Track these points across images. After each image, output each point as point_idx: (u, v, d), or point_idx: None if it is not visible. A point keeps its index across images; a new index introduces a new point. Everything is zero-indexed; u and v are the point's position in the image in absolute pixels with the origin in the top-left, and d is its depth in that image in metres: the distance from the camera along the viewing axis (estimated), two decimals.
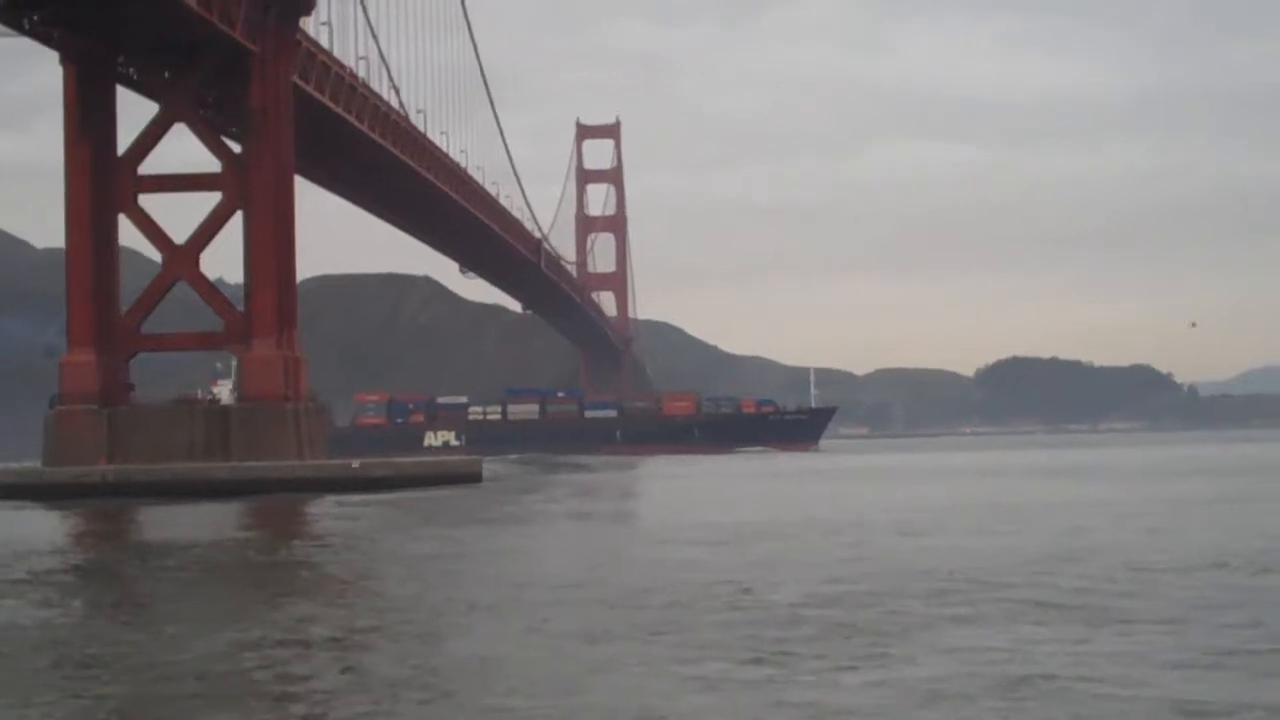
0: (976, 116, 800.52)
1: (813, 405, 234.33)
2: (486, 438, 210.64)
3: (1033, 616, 26.80)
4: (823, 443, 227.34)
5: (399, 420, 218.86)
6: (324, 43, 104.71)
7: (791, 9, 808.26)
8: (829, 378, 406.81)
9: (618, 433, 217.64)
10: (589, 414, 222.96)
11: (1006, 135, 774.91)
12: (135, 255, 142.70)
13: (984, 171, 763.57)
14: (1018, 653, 22.60)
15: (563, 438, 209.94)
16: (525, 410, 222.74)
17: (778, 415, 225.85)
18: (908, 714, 18.58)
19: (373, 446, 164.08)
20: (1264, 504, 60.21)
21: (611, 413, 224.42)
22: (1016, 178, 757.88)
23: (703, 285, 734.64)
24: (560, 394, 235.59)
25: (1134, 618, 26.38)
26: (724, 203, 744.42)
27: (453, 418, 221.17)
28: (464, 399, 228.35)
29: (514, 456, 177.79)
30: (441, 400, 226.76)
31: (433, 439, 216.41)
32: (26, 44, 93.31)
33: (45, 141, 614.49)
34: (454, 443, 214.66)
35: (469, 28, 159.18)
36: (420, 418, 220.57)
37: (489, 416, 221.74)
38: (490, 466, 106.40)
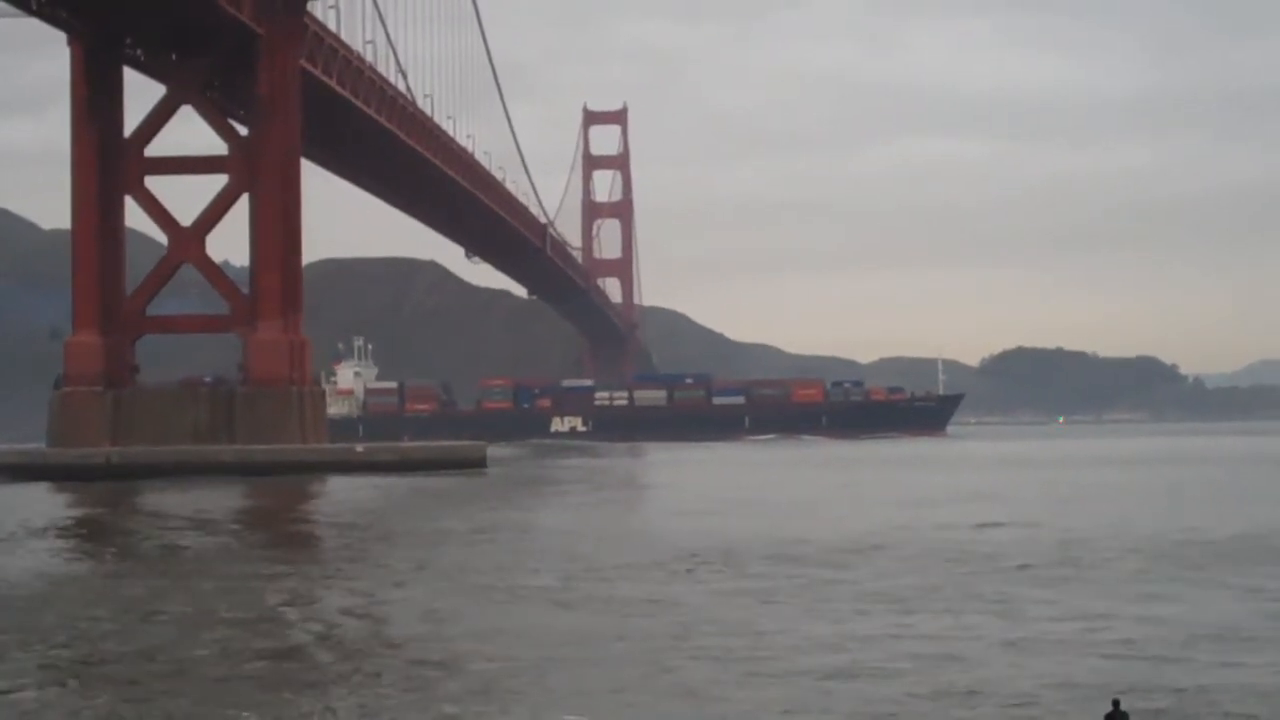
0: (981, 113, 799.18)
1: (940, 392, 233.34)
2: (613, 423, 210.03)
3: None
4: (949, 429, 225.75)
5: (525, 405, 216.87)
6: (331, 26, 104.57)
7: (799, 8, 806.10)
8: (833, 366, 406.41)
9: (746, 419, 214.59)
10: (717, 400, 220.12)
11: (1011, 132, 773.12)
12: (141, 237, 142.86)
13: (989, 167, 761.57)
14: None
15: (690, 424, 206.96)
16: (652, 396, 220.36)
17: (907, 402, 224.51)
18: None
19: (499, 432, 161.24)
20: None
21: (739, 399, 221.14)
22: (1021, 173, 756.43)
23: (708, 276, 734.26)
24: (689, 379, 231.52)
25: None
26: (730, 197, 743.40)
27: (579, 402, 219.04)
28: (589, 383, 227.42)
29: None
30: (567, 384, 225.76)
31: (559, 424, 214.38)
32: (41, 30, 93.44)
33: (57, 127, 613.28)
34: (580, 428, 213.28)
35: (478, 18, 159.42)
36: (546, 403, 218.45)
37: (615, 402, 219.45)
38: (494, 451, 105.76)
